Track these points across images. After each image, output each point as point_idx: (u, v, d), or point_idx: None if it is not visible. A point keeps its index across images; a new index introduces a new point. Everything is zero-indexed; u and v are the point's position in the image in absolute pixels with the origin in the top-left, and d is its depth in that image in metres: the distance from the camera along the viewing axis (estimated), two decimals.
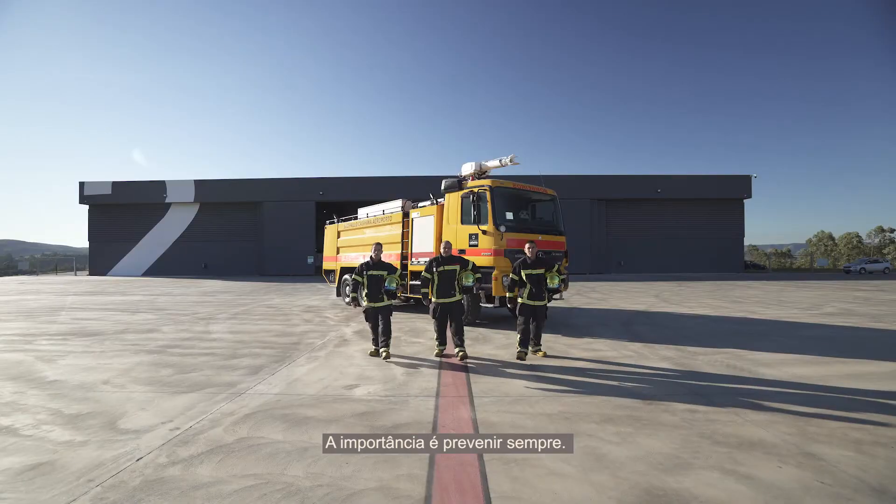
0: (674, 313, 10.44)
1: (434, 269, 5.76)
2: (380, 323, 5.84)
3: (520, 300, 5.77)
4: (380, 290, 5.82)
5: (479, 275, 5.96)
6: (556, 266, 5.85)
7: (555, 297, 5.50)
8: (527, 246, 5.80)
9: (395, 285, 5.90)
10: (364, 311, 6.02)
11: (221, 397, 4.20)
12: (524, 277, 5.70)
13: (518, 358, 5.55)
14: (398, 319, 9.35)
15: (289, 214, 33.61)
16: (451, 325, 5.83)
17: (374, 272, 5.84)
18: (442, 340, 5.86)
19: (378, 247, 6.06)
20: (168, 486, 2.58)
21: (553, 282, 5.77)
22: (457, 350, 5.67)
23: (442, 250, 5.92)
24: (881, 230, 55.05)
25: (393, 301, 6.00)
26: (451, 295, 5.75)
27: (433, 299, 5.82)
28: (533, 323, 5.71)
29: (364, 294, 5.97)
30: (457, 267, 5.81)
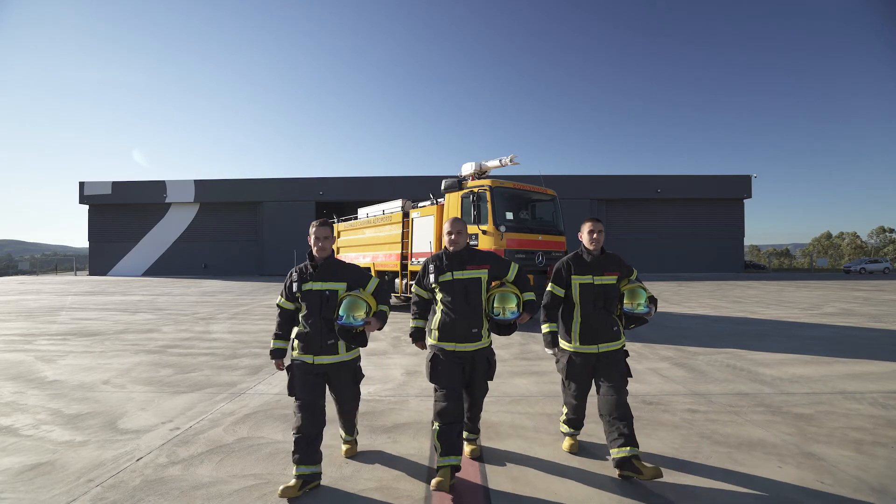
0: (674, 313, 10.44)
1: (434, 280, 2.83)
2: (323, 406, 2.67)
3: (564, 345, 2.96)
4: (327, 326, 2.69)
5: (531, 294, 2.91)
6: (636, 274, 3.03)
7: (630, 327, 2.97)
8: (585, 230, 2.94)
9: (362, 315, 2.62)
10: (287, 370, 2.75)
11: (221, 397, 4.20)
12: (576, 291, 2.90)
13: (569, 450, 3.04)
14: (394, 319, 9.29)
15: (289, 214, 33.62)
16: (466, 404, 2.91)
17: (317, 285, 2.70)
18: (451, 447, 2.62)
19: (323, 230, 2.73)
20: (168, 486, 2.58)
21: (636, 301, 2.84)
22: (467, 440, 3.01)
23: (447, 239, 2.85)
24: (882, 230, 54.98)
25: (357, 352, 2.84)
26: (471, 335, 2.78)
27: (432, 341, 2.84)
28: (608, 394, 2.78)
29: (296, 333, 2.77)
30: (483, 273, 2.83)
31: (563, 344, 2.98)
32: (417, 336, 3.00)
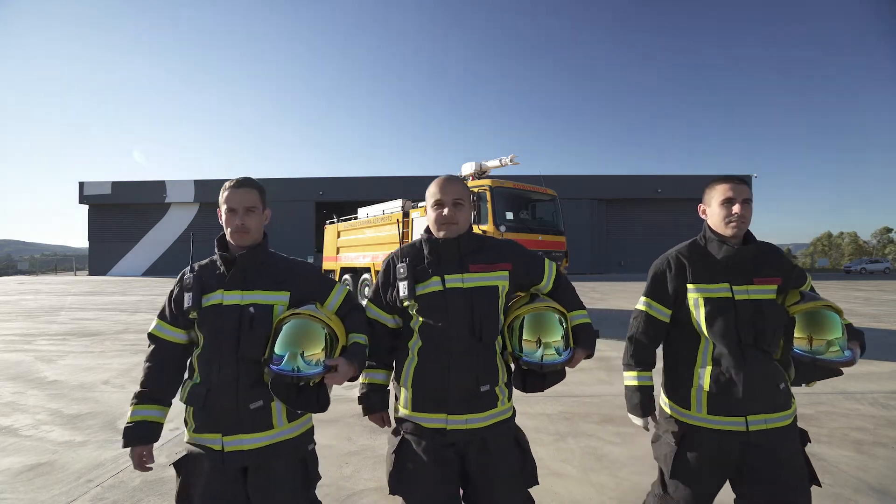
0: None
1: (407, 293, 1.47)
2: None
3: (672, 411, 1.63)
4: (250, 376, 1.38)
5: (584, 314, 1.62)
6: (809, 281, 1.73)
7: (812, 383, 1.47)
8: (715, 199, 1.58)
9: (319, 354, 1.32)
10: (176, 468, 1.41)
11: None
12: (699, 312, 1.55)
13: None
14: None
15: (289, 214, 33.64)
16: None
17: (232, 296, 1.46)
18: None
19: (245, 193, 1.48)
20: (168, 486, 2.57)
21: (827, 336, 1.44)
22: None
23: (434, 215, 1.52)
24: (887, 230, 54.84)
25: (307, 422, 1.59)
26: (476, 398, 1.47)
27: (403, 411, 1.51)
28: None
29: (188, 392, 1.43)
30: (500, 279, 1.51)
31: (669, 409, 1.64)
32: (374, 401, 1.63)
